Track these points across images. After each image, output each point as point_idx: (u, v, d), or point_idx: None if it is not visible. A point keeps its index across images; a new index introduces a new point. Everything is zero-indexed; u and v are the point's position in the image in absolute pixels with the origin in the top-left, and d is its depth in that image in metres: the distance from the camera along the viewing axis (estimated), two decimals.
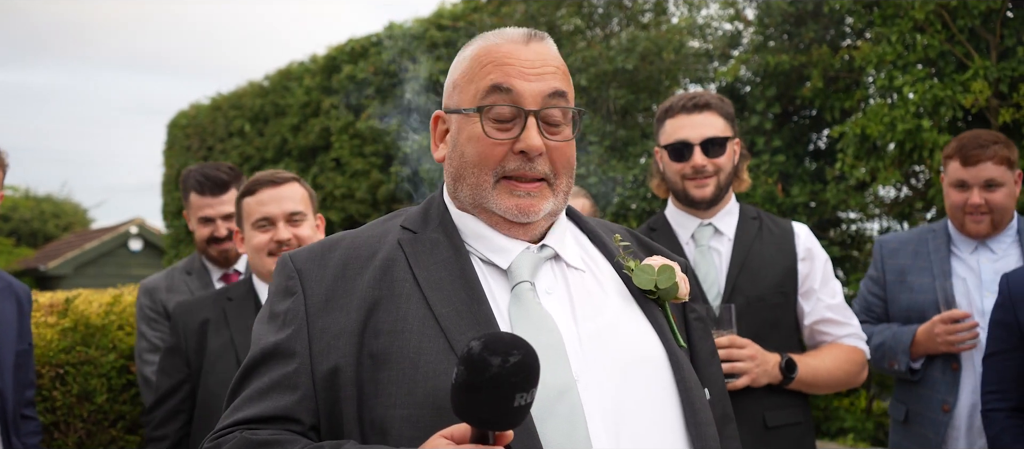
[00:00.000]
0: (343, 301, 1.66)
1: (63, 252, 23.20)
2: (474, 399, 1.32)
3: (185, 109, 14.69)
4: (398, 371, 1.57)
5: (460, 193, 1.76)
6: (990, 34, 6.06)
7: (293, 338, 1.65)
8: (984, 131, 3.48)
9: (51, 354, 4.14)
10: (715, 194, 3.07)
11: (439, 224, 1.78)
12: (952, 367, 3.36)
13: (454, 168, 1.77)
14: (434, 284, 1.66)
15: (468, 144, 1.72)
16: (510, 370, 1.30)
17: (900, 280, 3.45)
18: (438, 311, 1.62)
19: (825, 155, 7.80)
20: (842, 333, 3.09)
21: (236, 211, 3.28)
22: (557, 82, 1.73)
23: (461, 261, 1.70)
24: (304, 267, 1.72)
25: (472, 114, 1.72)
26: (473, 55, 1.77)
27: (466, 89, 1.75)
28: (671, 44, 7.90)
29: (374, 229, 1.80)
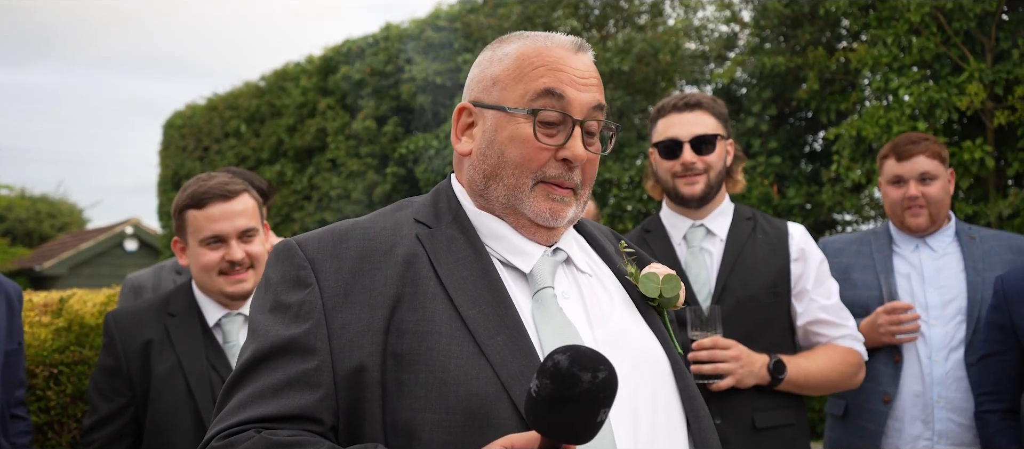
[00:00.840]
0: (363, 296, 1.59)
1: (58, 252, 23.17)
2: (559, 413, 1.30)
3: (181, 109, 14.68)
4: (427, 374, 1.53)
5: (491, 191, 1.72)
6: (985, 37, 6.08)
7: (312, 333, 1.56)
8: (916, 132, 3.71)
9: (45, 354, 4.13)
10: (705, 192, 3.08)
11: (453, 220, 1.73)
12: (894, 359, 3.43)
13: (489, 166, 1.72)
14: (457, 284, 1.62)
15: (511, 144, 1.69)
16: (599, 386, 1.29)
17: (845, 278, 3.53)
18: (465, 313, 1.58)
19: (821, 157, 7.81)
20: (837, 334, 3.08)
21: (178, 223, 3.01)
22: (600, 95, 1.74)
23: (482, 262, 1.67)
24: (317, 257, 1.63)
25: (520, 115, 1.69)
26: (520, 54, 1.73)
27: (512, 87, 1.71)
28: (667, 46, 7.91)
29: (385, 219, 1.73)
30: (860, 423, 3.51)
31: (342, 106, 11.31)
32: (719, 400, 2.88)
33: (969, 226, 3.61)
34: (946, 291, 3.44)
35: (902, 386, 3.41)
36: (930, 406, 3.37)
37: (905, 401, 3.40)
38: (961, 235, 3.54)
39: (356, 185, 10.89)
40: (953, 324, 3.40)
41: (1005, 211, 5.84)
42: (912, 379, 3.41)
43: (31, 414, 4.05)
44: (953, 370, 3.36)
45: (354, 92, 11.07)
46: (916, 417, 3.38)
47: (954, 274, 3.46)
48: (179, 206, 3.00)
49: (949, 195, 3.54)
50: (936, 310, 3.43)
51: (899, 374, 3.42)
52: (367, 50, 11.05)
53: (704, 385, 2.85)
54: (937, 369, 3.37)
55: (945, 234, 3.55)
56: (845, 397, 3.58)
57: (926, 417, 3.37)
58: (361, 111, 10.91)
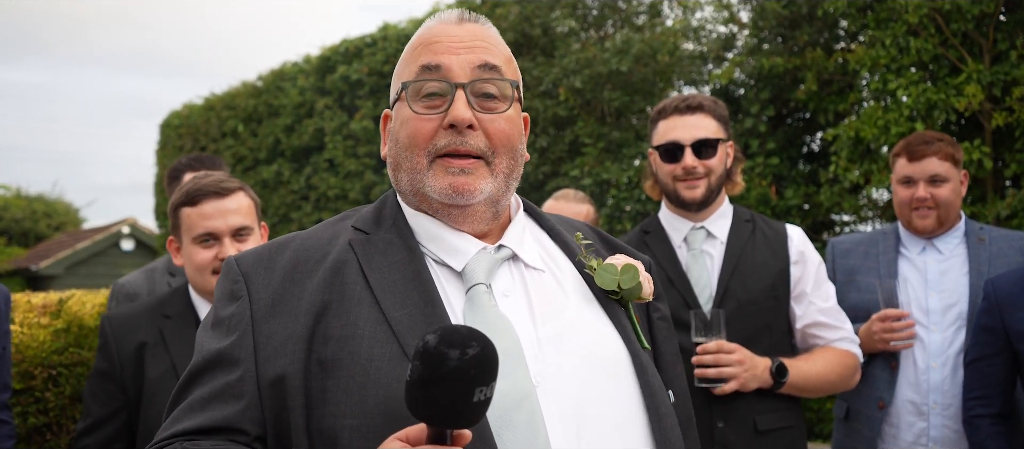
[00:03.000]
0: (291, 306, 1.57)
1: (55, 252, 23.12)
2: (431, 395, 1.25)
3: (178, 109, 14.66)
4: (347, 379, 1.49)
5: (401, 182, 1.69)
6: (983, 38, 6.08)
7: (237, 345, 1.56)
8: (930, 131, 3.61)
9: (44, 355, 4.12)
10: (706, 196, 3.07)
11: (392, 224, 1.70)
12: (890, 365, 3.42)
13: (392, 158, 1.70)
14: (387, 287, 1.58)
15: (401, 128, 1.66)
16: (469, 363, 1.24)
17: (849, 280, 3.52)
18: (391, 315, 1.54)
19: (819, 158, 7.82)
20: (834, 337, 3.09)
21: (173, 221, 2.97)
22: (488, 56, 1.65)
23: (415, 263, 1.62)
24: (250, 270, 1.63)
25: (405, 96, 1.66)
26: (409, 43, 1.73)
27: (400, 75, 1.70)
28: (665, 46, 7.91)
29: (325, 230, 1.71)
30: (858, 427, 3.51)
31: (340, 106, 11.30)
32: (721, 403, 2.89)
33: (980, 226, 3.55)
34: (948, 295, 3.41)
35: (897, 392, 3.40)
36: (926, 412, 3.36)
37: (900, 407, 3.39)
38: (970, 236, 3.49)
39: (354, 185, 10.89)
40: (952, 330, 3.38)
41: (1003, 212, 5.85)
42: (907, 385, 3.39)
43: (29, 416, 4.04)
44: (950, 376, 3.34)
45: (351, 92, 11.06)
46: (912, 423, 3.37)
47: (958, 278, 3.43)
48: (174, 204, 2.96)
49: (960, 197, 3.48)
50: (936, 315, 3.40)
51: (895, 380, 3.41)
52: (365, 50, 11.04)
53: (708, 389, 2.85)
54: (934, 375, 3.36)
55: (953, 236, 3.51)
56: (847, 400, 3.58)
57: (921, 423, 3.36)
58: (359, 111, 10.90)
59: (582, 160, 7.91)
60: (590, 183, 7.76)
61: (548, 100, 8.32)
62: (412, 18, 10.84)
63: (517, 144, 1.69)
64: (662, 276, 3.06)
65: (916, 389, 3.37)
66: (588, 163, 7.88)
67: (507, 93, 1.67)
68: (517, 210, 1.79)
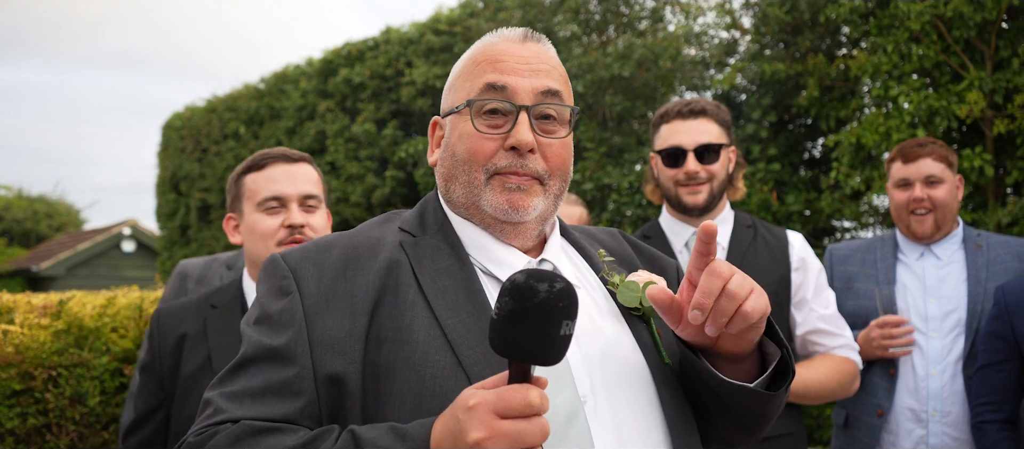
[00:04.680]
0: (343, 303, 1.56)
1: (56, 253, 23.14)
2: (522, 329, 1.27)
3: (180, 111, 14.67)
4: (403, 383, 1.49)
5: (453, 193, 1.71)
6: (985, 45, 6.08)
7: (293, 342, 1.54)
8: (924, 137, 3.60)
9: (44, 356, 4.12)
10: (708, 201, 3.07)
11: (438, 230, 1.71)
12: (889, 372, 3.41)
13: (446, 168, 1.72)
14: (440, 293, 1.58)
15: (459, 142, 1.68)
16: (557, 295, 1.27)
17: (847, 287, 3.51)
18: (445, 323, 1.54)
19: (820, 164, 7.82)
20: (835, 344, 3.08)
21: (235, 192, 2.80)
22: (551, 81, 1.69)
23: (465, 271, 1.63)
24: (298, 266, 1.61)
25: (464, 110, 1.68)
26: (470, 56, 1.74)
27: (461, 89, 1.71)
28: (667, 52, 7.91)
29: (371, 230, 1.72)
30: (857, 435, 3.50)
31: (342, 109, 11.31)
32: None
33: (977, 232, 3.56)
34: (947, 302, 3.41)
35: (896, 399, 3.39)
36: (925, 419, 3.35)
37: (899, 414, 3.38)
38: (968, 242, 3.49)
39: (355, 188, 10.89)
40: (951, 337, 3.37)
41: (1004, 219, 5.84)
42: (906, 392, 3.39)
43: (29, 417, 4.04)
44: (949, 383, 3.33)
45: (353, 95, 11.07)
46: (910, 430, 3.36)
47: (956, 284, 3.42)
48: (237, 174, 2.81)
49: (956, 201, 3.49)
50: (935, 322, 3.40)
51: (894, 387, 3.40)
52: (367, 53, 11.05)
53: None
54: (933, 382, 3.35)
55: (951, 242, 3.51)
56: (846, 407, 3.58)
57: (920, 430, 3.35)
58: (361, 114, 10.91)
59: (584, 164, 7.91)
60: (591, 187, 7.76)
61: None
62: (414, 21, 10.84)
63: (570, 167, 1.74)
64: None
65: (915, 396, 3.36)
66: (589, 167, 7.88)
67: (566, 118, 1.71)
68: (553, 227, 1.81)
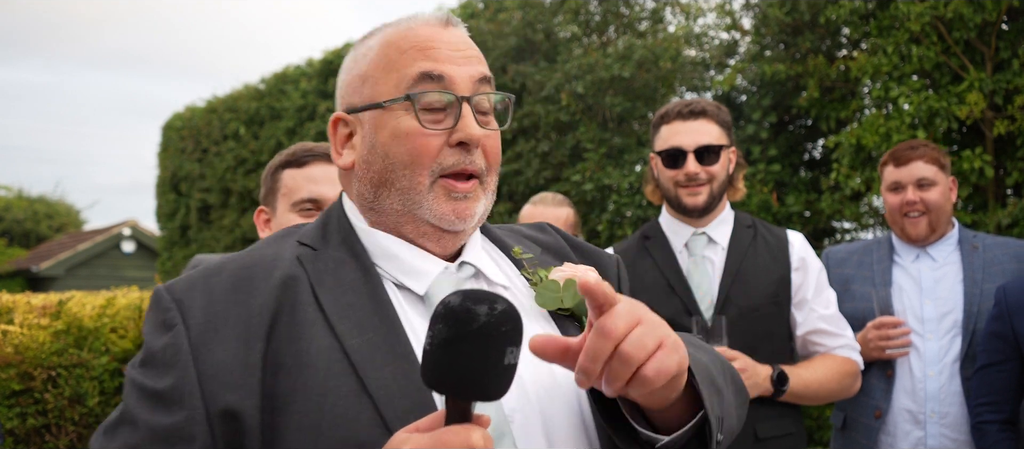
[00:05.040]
0: (235, 329, 1.37)
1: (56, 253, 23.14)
2: (458, 359, 1.12)
3: (180, 111, 14.67)
4: (301, 417, 1.32)
5: (384, 201, 1.51)
6: (985, 46, 6.08)
7: (179, 382, 1.34)
8: (917, 139, 3.67)
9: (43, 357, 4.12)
10: (708, 202, 3.06)
11: (342, 242, 1.52)
12: (887, 374, 3.42)
13: (375, 173, 1.50)
14: (342, 311, 1.40)
15: (395, 142, 1.48)
16: (499, 318, 1.13)
17: (844, 289, 3.52)
18: (348, 343, 1.36)
19: (820, 165, 7.82)
20: (835, 344, 3.08)
21: (270, 185, 2.68)
22: (484, 67, 1.55)
23: (371, 284, 1.45)
24: (184, 296, 1.41)
25: (397, 105, 1.48)
26: (385, 42, 1.53)
27: (383, 80, 1.51)
28: (668, 52, 7.91)
29: (267, 247, 1.52)
30: (855, 437, 3.50)
31: None
32: None
33: (973, 233, 3.56)
34: (944, 303, 3.41)
35: (894, 401, 3.39)
36: (922, 421, 3.35)
37: (897, 416, 3.39)
38: (963, 244, 3.50)
39: None
40: (948, 338, 3.38)
41: (1004, 221, 5.84)
42: (904, 394, 3.39)
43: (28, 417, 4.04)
44: (947, 384, 3.34)
45: None
46: (908, 432, 3.36)
47: (952, 285, 3.43)
48: (275, 165, 2.66)
49: (950, 203, 3.50)
50: (932, 323, 3.40)
51: (891, 389, 3.40)
52: None
53: None
54: (931, 384, 3.35)
55: (947, 243, 3.52)
56: (844, 409, 3.58)
57: (918, 432, 3.35)
58: None
59: (583, 165, 7.91)
60: (591, 188, 7.76)
61: (550, 105, 8.33)
62: None
63: (499, 159, 1.60)
64: (663, 282, 3.05)
65: (913, 397, 3.37)
66: (589, 168, 7.88)
67: (497, 108, 1.58)
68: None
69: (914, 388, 3.37)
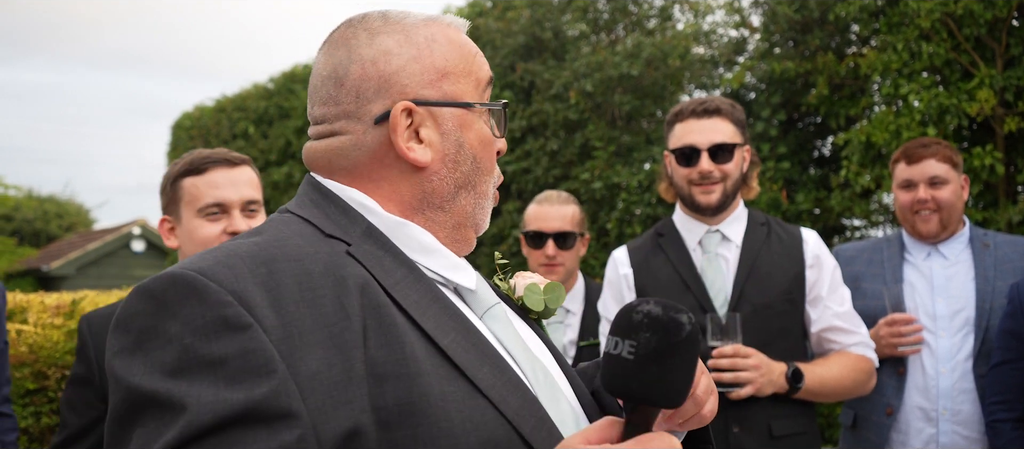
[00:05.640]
0: (318, 335, 1.18)
1: (66, 252, 23.23)
2: (669, 369, 1.11)
3: (189, 111, 14.72)
4: (428, 426, 1.19)
5: (460, 201, 1.44)
6: (996, 43, 6.06)
7: (279, 393, 1.11)
8: (929, 137, 3.61)
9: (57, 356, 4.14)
10: (721, 201, 3.06)
11: (364, 234, 1.36)
12: (898, 371, 3.41)
13: (462, 175, 1.43)
14: (420, 311, 1.29)
15: (481, 146, 1.45)
16: (696, 328, 1.13)
17: (854, 287, 3.51)
18: (442, 343, 1.26)
19: (830, 162, 7.80)
20: (850, 341, 3.08)
21: (170, 194, 2.70)
22: None
23: (424, 282, 1.34)
24: (239, 289, 1.16)
25: (484, 110, 1.45)
26: (452, 40, 1.45)
27: (463, 80, 1.43)
28: (676, 50, 7.90)
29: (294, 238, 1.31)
30: (866, 434, 3.49)
31: None
32: (737, 408, 2.88)
33: (984, 232, 3.56)
34: (955, 301, 3.41)
35: (906, 398, 3.39)
36: (935, 418, 3.34)
37: (908, 413, 3.38)
38: (975, 242, 3.49)
39: None
40: (961, 335, 3.37)
41: (1015, 218, 5.82)
42: (916, 391, 3.38)
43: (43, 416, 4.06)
44: (959, 382, 3.33)
45: None
46: (920, 429, 3.36)
47: (964, 283, 3.42)
48: (173, 175, 2.69)
49: (962, 200, 3.49)
50: (944, 320, 3.40)
51: (903, 386, 3.40)
52: None
53: (723, 393, 2.85)
54: (943, 381, 3.35)
55: (958, 241, 3.51)
56: (854, 407, 3.57)
57: (931, 429, 3.35)
58: None
59: (592, 164, 7.91)
60: (600, 186, 7.76)
61: (558, 103, 8.33)
62: None
63: None
64: (677, 279, 3.06)
65: (925, 395, 3.36)
66: (598, 166, 7.87)
67: None
68: None
69: (926, 385, 3.36)
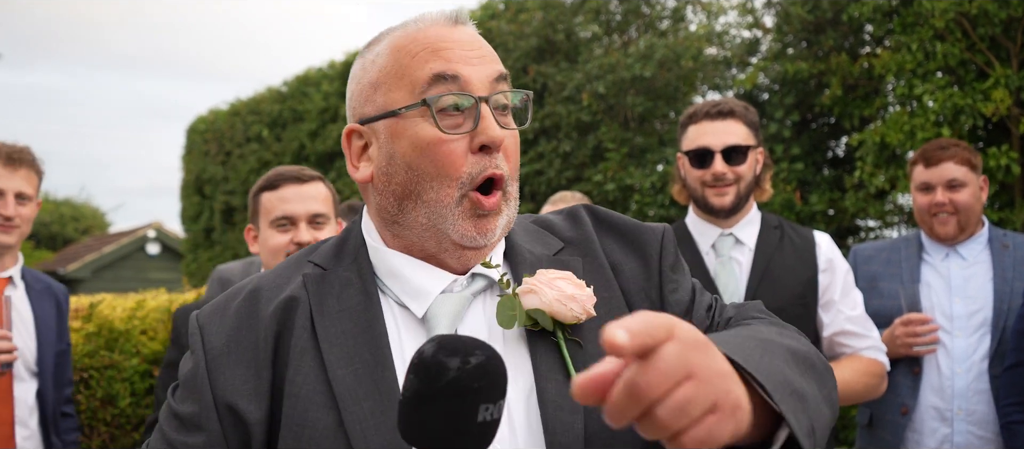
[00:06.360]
0: (244, 354, 1.39)
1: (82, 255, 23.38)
2: (430, 414, 1.07)
3: (204, 114, 14.80)
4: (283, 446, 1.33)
5: (409, 214, 1.43)
6: (1011, 42, 6.03)
7: (199, 407, 1.38)
8: (947, 138, 3.58)
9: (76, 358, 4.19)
10: (735, 203, 3.07)
11: (354, 261, 1.47)
12: (913, 371, 3.40)
13: (398, 185, 1.42)
14: (335, 338, 1.37)
15: (416, 152, 1.39)
16: (471, 373, 1.06)
17: (871, 286, 3.51)
18: (334, 374, 1.34)
19: (844, 163, 7.78)
20: (862, 345, 3.07)
21: (252, 207, 3.08)
22: (499, 65, 1.46)
23: (371, 310, 1.40)
24: (206, 322, 1.45)
25: (414, 112, 1.39)
26: (393, 47, 1.45)
27: (395, 86, 1.42)
28: (689, 51, 7.90)
29: (285, 268, 1.51)
30: (881, 434, 3.49)
31: None
32: None
33: (1004, 232, 3.54)
34: (973, 301, 3.40)
35: (921, 398, 3.38)
36: (950, 418, 3.34)
37: (923, 413, 3.38)
38: (994, 243, 3.48)
39: None
40: (977, 336, 3.36)
41: None
42: (931, 391, 3.38)
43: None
44: (975, 382, 3.33)
45: None
46: (935, 429, 3.35)
47: (982, 284, 3.42)
48: (255, 190, 3.06)
49: (980, 202, 3.48)
50: (961, 321, 3.39)
51: (918, 386, 3.39)
52: None
53: None
54: (958, 381, 3.34)
55: (977, 242, 3.50)
56: (870, 406, 3.57)
57: (945, 429, 3.34)
58: None
59: (605, 165, 7.92)
60: (613, 188, 7.77)
61: (571, 105, 8.34)
62: None
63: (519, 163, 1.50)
64: None
65: (940, 395, 3.36)
66: (611, 168, 7.88)
67: (515, 107, 1.49)
68: None
69: (941, 385, 3.36)
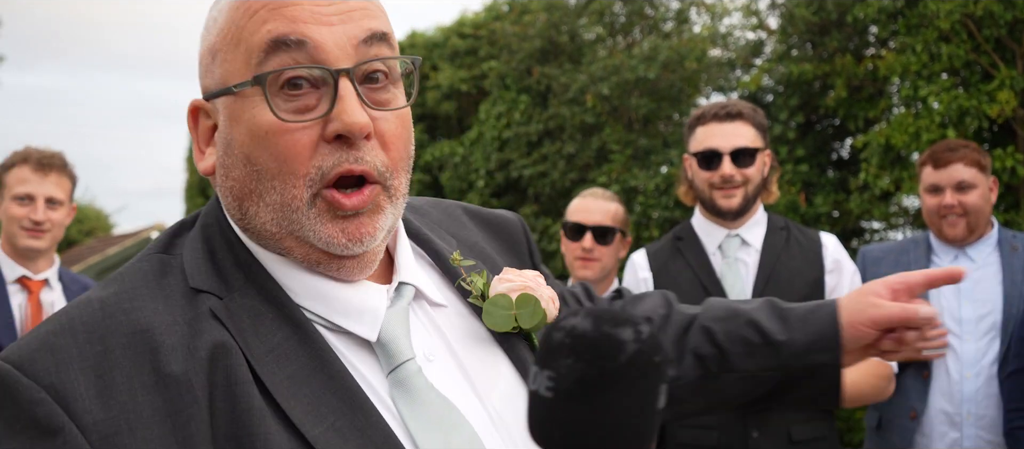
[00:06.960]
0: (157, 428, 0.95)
1: (86, 257, 23.42)
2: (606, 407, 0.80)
3: None
4: None
5: (255, 219, 1.10)
6: (1016, 44, 6.03)
7: None
8: (956, 139, 3.57)
9: None
10: (742, 205, 3.06)
11: (247, 281, 1.10)
12: (922, 375, 3.39)
13: (236, 182, 1.10)
14: (290, 390, 1.02)
15: (254, 142, 1.06)
16: (651, 345, 0.81)
17: None
18: (310, 434, 0.99)
19: (848, 165, 7.77)
20: None
21: None
22: (373, 21, 1.09)
23: (311, 344, 1.06)
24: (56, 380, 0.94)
25: (250, 90, 1.06)
26: (232, 4, 1.10)
27: (231, 54, 1.08)
28: (693, 53, 7.90)
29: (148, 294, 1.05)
30: (890, 437, 3.48)
31: None
32: (756, 414, 2.88)
33: (1013, 234, 3.51)
34: (982, 305, 3.38)
35: (930, 402, 3.37)
36: (959, 423, 3.33)
37: (933, 417, 3.36)
38: (1003, 245, 3.45)
39: None
40: (986, 340, 3.35)
41: None
42: (940, 395, 3.36)
43: None
44: (984, 386, 3.31)
45: None
46: (944, 433, 3.34)
47: (991, 287, 3.40)
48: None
49: (990, 204, 3.45)
50: (970, 324, 3.37)
51: (927, 390, 3.38)
52: None
53: None
54: (968, 385, 3.33)
55: (986, 244, 3.48)
56: (879, 410, 3.56)
57: (954, 434, 3.33)
58: None
59: (609, 167, 7.91)
60: (617, 190, 7.77)
61: (575, 107, 8.34)
62: (439, 25, 10.89)
63: (411, 149, 1.15)
64: (696, 284, 3.06)
65: (949, 399, 3.34)
66: (615, 170, 7.88)
67: (398, 75, 1.13)
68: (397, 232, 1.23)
69: (950, 390, 3.35)
